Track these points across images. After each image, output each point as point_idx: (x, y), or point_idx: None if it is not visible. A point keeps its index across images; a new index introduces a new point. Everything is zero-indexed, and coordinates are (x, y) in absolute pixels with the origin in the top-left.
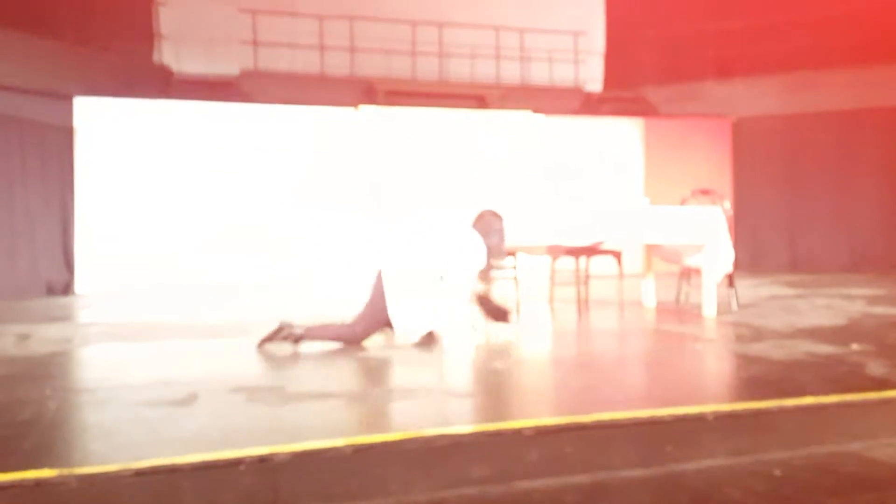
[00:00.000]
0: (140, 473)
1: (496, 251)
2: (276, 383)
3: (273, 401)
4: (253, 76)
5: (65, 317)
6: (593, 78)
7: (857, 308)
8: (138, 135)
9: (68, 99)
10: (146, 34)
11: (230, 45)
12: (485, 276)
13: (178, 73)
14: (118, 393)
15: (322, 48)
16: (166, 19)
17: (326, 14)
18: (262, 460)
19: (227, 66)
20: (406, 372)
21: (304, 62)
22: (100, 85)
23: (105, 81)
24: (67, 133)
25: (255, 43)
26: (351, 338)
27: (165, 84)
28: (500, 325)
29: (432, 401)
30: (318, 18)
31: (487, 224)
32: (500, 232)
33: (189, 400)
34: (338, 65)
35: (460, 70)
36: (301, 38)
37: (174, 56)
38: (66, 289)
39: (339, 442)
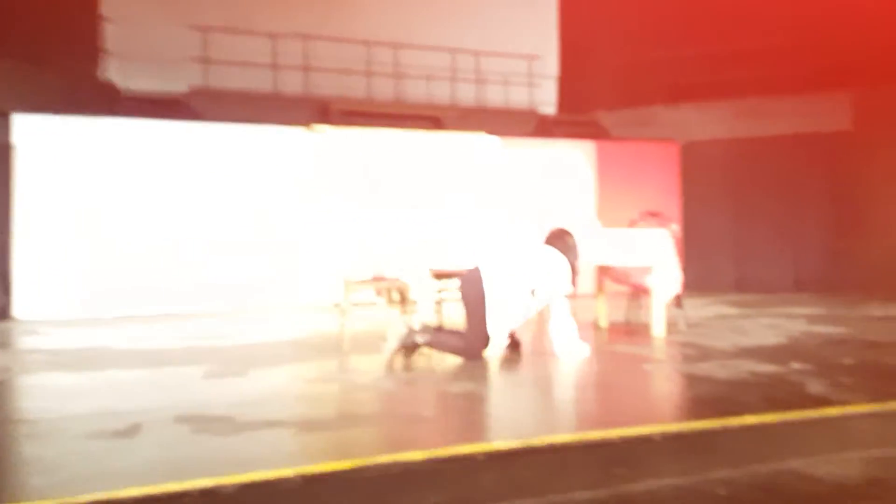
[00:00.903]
0: None
1: (576, 269)
2: (225, 412)
3: (222, 430)
4: (203, 94)
5: (3, 343)
6: (547, 101)
7: (798, 327)
8: (83, 153)
9: (6, 116)
10: (91, 51)
11: (179, 62)
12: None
13: (124, 91)
14: (59, 424)
15: (275, 67)
16: (113, 36)
17: (280, 32)
18: (207, 493)
19: (175, 83)
20: (360, 398)
21: (256, 81)
22: (43, 102)
23: (48, 99)
24: (5, 151)
25: (206, 61)
26: (470, 353)
27: (112, 102)
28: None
29: (385, 427)
30: (270, 37)
31: (566, 243)
32: (576, 249)
33: (133, 431)
34: (291, 84)
35: (416, 91)
36: (254, 56)
37: (121, 73)
38: (3, 313)
39: (288, 472)
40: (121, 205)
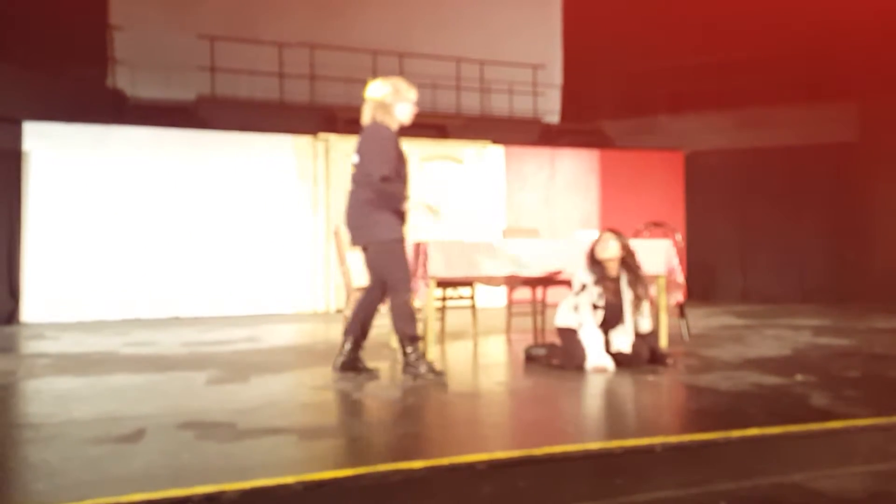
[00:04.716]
0: None
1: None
2: (227, 419)
3: (224, 437)
4: (210, 102)
5: (9, 347)
6: (551, 110)
7: (803, 339)
8: (91, 160)
9: (18, 123)
10: (100, 58)
11: (187, 70)
12: None
13: (132, 98)
14: (63, 429)
15: (281, 75)
16: (122, 44)
17: (287, 41)
18: (210, 499)
19: (183, 91)
20: (361, 406)
21: (263, 89)
22: (52, 109)
23: (57, 106)
24: (16, 158)
25: (213, 69)
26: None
27: (120, 109)
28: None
29: (386, 435)
30: (277, 46)
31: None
32: (596, 249)
33: (137, 436)
34: (298, 92)
35: (421, 99)
36: (260, 65)
37: (129, 81)
38: (11, 318)
39: (289, 479)
40: (128, 211)
